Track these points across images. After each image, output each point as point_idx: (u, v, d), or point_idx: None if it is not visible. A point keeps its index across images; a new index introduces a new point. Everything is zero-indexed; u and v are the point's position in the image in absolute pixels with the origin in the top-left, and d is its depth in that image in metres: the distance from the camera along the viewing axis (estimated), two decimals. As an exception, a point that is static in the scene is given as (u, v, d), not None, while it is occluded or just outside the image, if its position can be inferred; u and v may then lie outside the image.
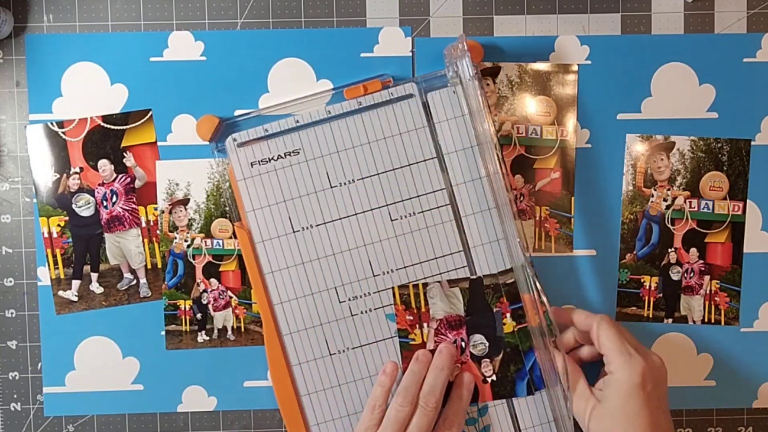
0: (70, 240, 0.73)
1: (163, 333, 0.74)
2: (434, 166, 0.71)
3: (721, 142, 0.73)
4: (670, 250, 0.74)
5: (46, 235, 0.73)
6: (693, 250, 0.74)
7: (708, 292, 0.74)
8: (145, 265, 0.74)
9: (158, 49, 0.72)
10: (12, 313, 0.74)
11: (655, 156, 0.74)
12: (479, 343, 0.71)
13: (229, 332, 0.74)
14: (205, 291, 0.74)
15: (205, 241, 0.74)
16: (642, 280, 0.74)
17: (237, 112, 0.72)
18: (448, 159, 0.71)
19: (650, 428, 0.63)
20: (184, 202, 0.73)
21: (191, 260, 0.74)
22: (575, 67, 0.73)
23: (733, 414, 0.75)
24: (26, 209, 0.73)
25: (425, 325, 0.71)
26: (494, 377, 0.71)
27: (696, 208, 0.74)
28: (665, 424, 0.64)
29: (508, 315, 0.71)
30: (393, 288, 0.71)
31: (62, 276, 0.73)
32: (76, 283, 0.74)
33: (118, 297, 0.74)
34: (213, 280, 0.74)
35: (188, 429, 0.74)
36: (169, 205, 0.73)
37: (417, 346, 0.71)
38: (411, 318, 0.71)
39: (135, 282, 0.74)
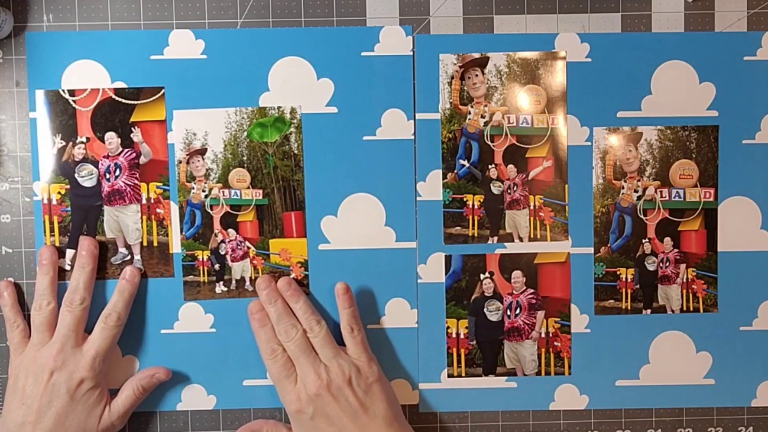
0: (69, 209, 0.73)
1: (163, 332, 0.73)
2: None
3: (689, 130, 0.73)
4: (644, 240, 0.74)
5: (45, 201, 0.73)
6: (667, 239, 0.74)
7: (684, 280, 0.74)
8: (141, 242, 0.73)
9: (159, 48, 0.72)
10: (11, 313, 0.74)
11: (623, 147, 0.74)
12: None
13: (247, 283, 0.74)
14: (222, 241, 0.73)
15: (223, 191, 0.73)
16: (618, 273, 0.74)
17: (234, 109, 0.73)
18: None
19: None
20: (202, 151, 0.73)
21: (209, 210, 0.73)
22: (563, 53, 0.73)
23: (733, 414, 0.75)
24: (26, 209, 0.73)
25: None
26: None
27: (667, 198, 0.74)
28: None
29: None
30: None
31: (57, 243, 0.73)
32: (70, 252, 0.73)
33: (111, 271, 0.73)
34: (231, 231, 0.73)
35: (188, 428, 0.74)
36: (187, 154, 0.73)
37: None
38: None
39: (129, 257, 0.73)
